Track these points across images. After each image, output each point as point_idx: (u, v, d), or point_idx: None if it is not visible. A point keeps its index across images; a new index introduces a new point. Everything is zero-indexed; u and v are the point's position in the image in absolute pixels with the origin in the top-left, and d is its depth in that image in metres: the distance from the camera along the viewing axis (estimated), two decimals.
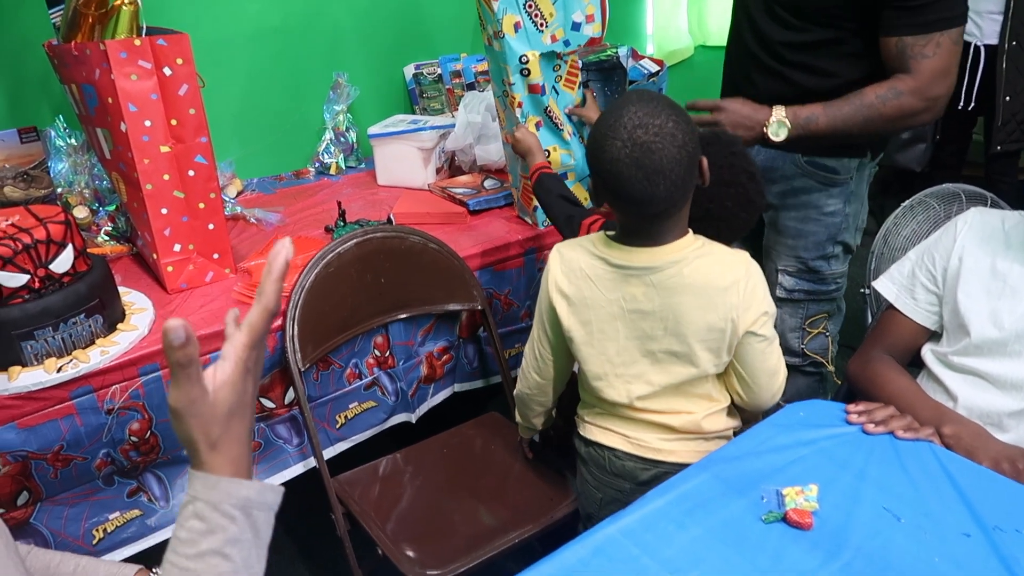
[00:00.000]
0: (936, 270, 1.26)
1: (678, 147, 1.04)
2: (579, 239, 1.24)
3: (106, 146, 1.48)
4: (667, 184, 1.04)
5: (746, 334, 1.11)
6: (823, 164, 1.58)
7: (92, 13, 1.39)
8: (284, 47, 2.05)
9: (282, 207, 1.87)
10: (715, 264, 1.11)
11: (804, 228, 1.63)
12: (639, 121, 1.04)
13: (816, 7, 1.46)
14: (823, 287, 1.67)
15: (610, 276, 1.15)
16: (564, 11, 1.52)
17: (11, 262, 1.21)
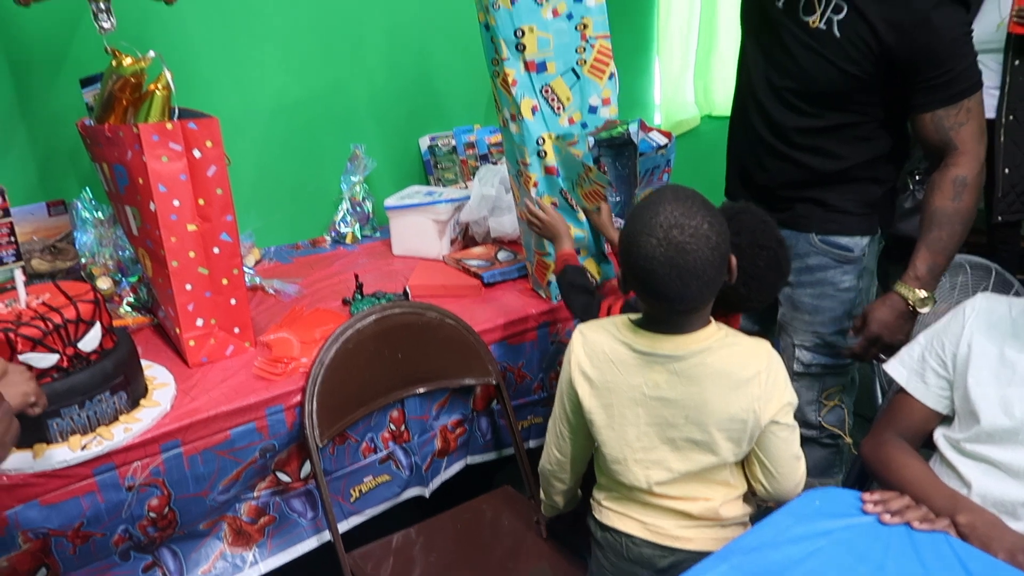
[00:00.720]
0: (946, 355, 1.29)
1: (711, 248, 1.07)
2: (602, 321, 1.26)
3: (134, 223, 1.52)
4: (699, 284, 1.07)
5: (769, 424, 1.13)
6: (837, 243, 1.63)
7: (127, 97, 1.45)
8: (305, 120, 2.11)
9: (300, 278, 1.90)
10: (738, 355, 1.14)
11: (821, 304, 1.68)
12: (675, 221, 1.06)
13: (838, 94, 1.53)
14: (840, 361, 1.71)
15: (633, 361, 1.17)
16: (581, 95, 1.57)
17: (41, 343, 1.24)
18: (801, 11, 1.53)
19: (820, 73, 1.53)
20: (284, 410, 1.46)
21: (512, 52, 1.52)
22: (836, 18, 1.49)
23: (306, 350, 1.55)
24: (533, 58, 1.52)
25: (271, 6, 1.98)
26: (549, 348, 1.79)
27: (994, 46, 2.71)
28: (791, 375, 1.73)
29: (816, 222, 1.64)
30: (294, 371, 1.49)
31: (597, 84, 1.58)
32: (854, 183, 1.61)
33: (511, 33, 1.50)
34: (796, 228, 1.65)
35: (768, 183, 1.68)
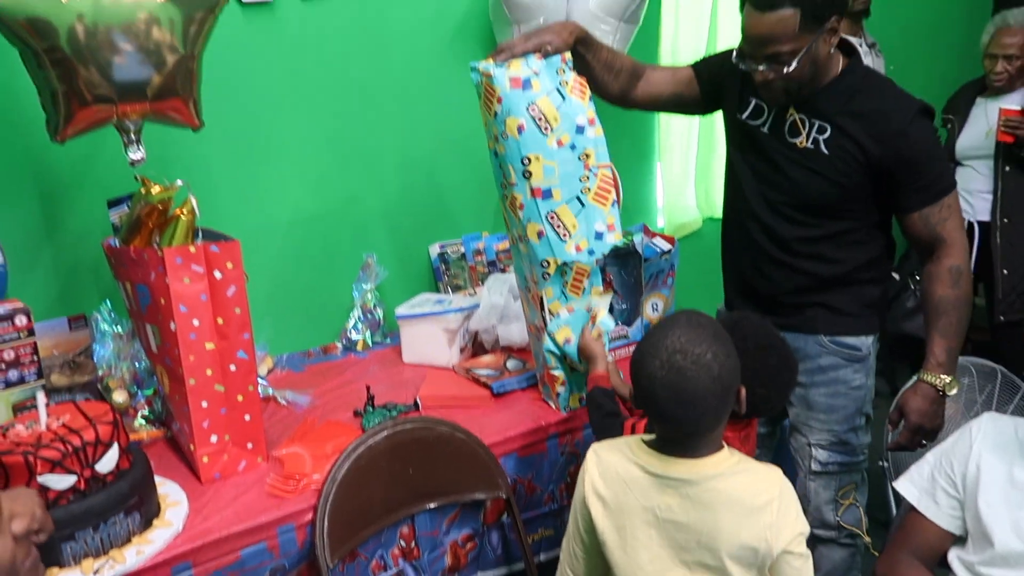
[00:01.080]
0: (955, 475, 1.30)
1: (712, 379, 1.10)
2: (616, 442, 1.28)
3: (154, 341, 1.56)
4: (696, 412, 1.10)
5: (782, 553, 1.13)
6: (845, 343, 1.70)
7: (153, 221, 1.51)
8: (319, 231, 2.18)
9: (311, 388, 1.92)
10: (751, 482, 1.15)
11: (835, 403, 1.73)
12: (680, 346, 1.11)
13: (832, 204, 1.63)
14: (853, 458, 1.75)
15: (646, 483, 1.19)
16: (587, 222, 1.62)
17: (60, 464, 1.26)
18: (787, 134, 1.64)
19: (813, 187, 1.63)
20: (295, 529, 1.46)
21: (519, 178, 1.59)
22: (821, 138, 1.61)
23: (318, 465, 1.56)
24: (539, 185, 1.58)
25: (289, 127, 2.07)
26: (559, 459, 1.79)
27: (984, 152, 2.80)
28: (808, 475, 1.79)
29: (823, 324, 1.71)
30: (306, 488, 1.50)
31: (602, 211, 1.63)
32: (854, 285, 1.70)
33: (518, 161, 1.57)
34: (804, 331, 1.72)
35: (772, 291, 1.74)
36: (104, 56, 1.41)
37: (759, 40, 1.52)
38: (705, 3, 2.77)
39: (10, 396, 1.49)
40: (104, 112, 1.46)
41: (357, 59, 2.14)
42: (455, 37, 2.28)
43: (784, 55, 1.50)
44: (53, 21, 1.37)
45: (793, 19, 1.47)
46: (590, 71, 1.75)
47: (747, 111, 1.70)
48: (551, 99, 1.57)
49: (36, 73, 1.44)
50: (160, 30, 1.46)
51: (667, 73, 1.87)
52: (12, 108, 1.70)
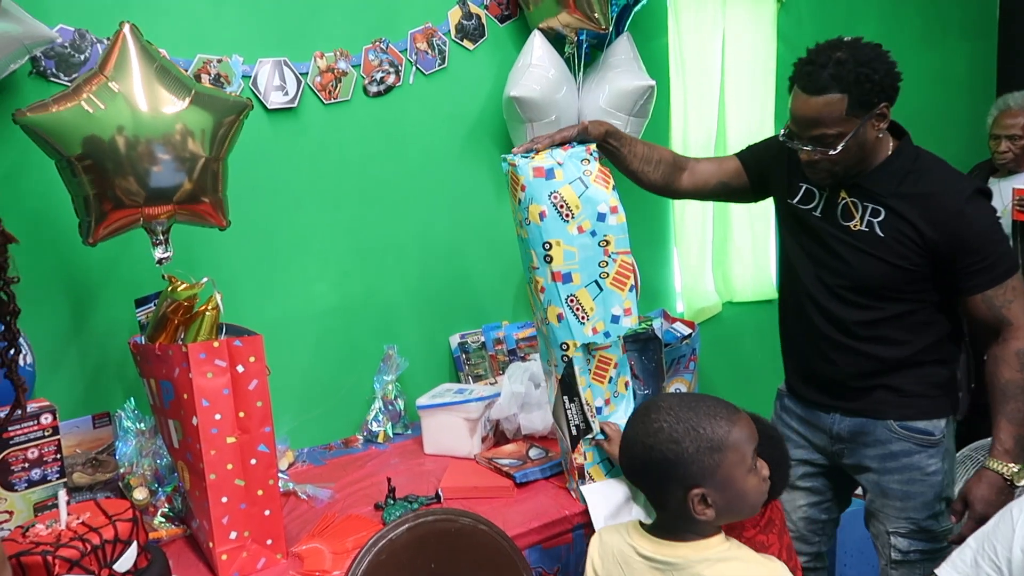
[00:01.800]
0: (999, 560, 1.24)
1: (673, 442, 1.15)
2: (620, 524, 1.28)
3: (176, 436, 1.57)
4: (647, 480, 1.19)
5: None
6: (917, 427, 1.66)
7: (179, 317, 1.54)
8: (340, 324, 2.21)
9: (332, 482, 1.90)
10: (740, 571, 1.14)
11: (911, 490, 1.67)
12: (653, 418, 1.19)
13: (891, 286, 1.61)
14: (937, 545, 1.68)
15: (638, 565, 1.19)
16: (604, 306, 1.64)
17: (78, 564, 1.24)
18: (840, 217, 1.64)
19: (871, 269, 1.61)
20: None
21: (541, 262, 1.62)
22: (876, 220, 1.60)
23: (338, 561, 1.52)
24: (559, 269, 1.61)
25: (311, 223, 2.13)
26: (585, 550, 1.74)
27: None
28: (889, 564, 1.72)
29: (893, 408, 1.67)
30: None
31: (619, 295, 1.65)
32: (922, 367, 1.66)
33: (540, 245, 1.61)
34: (874, 416, 1.68)
35: (836, 376, 1.72)
36: (143, 166, 1.49)
37: (806, 122, 1.55)
38: (712, 97, 2.86)
39: (32, 495, 1.49)
40: (135, 214, 1.52)
41: (376, 158, 2.22)
42: (470, 135, 2.37)
43: (830, 138, 1.53)
44: (98, 134, 1.45)
45: (840, 104, 1.50)
46: (625, 164, 1.82)
47: (797, 196, 1.71)
48: (573, 187, 1.62)
49: (70, 180, 1.51)
50: (194, 140, 1.53)
51: (713, 165, 1.90)
52: (45, 211, 1.77)
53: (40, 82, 1.76)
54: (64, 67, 1.78)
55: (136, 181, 1.48)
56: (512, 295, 2.52)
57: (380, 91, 2.19)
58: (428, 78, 2.26)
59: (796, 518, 1.87)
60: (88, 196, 1.50)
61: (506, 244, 2.46)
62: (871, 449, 1.68)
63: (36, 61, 1.74)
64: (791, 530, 1.86)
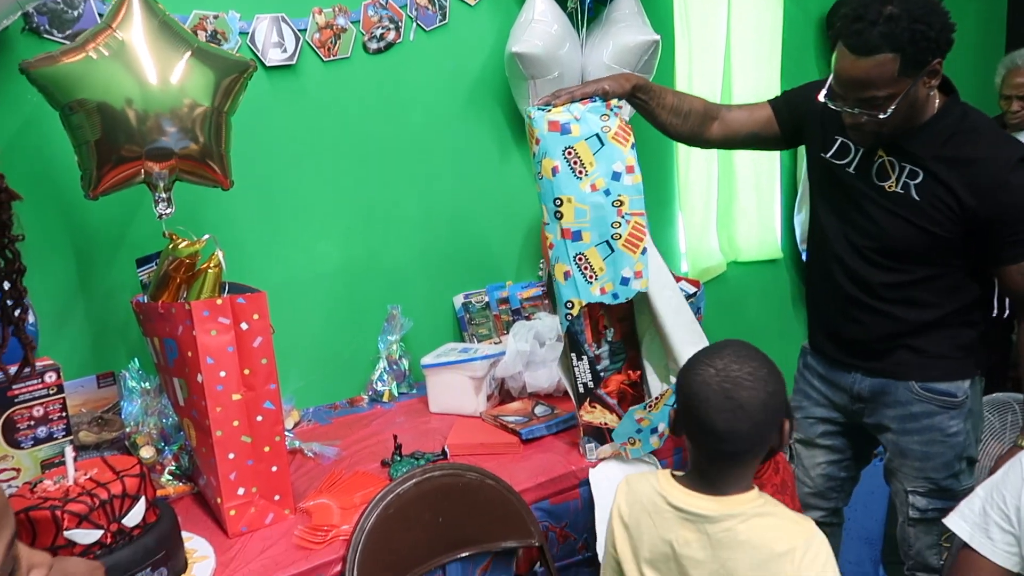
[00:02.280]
0: (1008, 509, 1.24)
1: (769, 393, 1.10)
2: (648, 472, 1.26)
3: (181, 395, 1.56)
4: (749, 424, 1.09)
5: None
6: (939, 389, 1.62)
7: (181, 275, 1.53)
8: (344, 284, 2.20)
9: (339, 440, 1.91)
10: (774, 527, 1.11)
11: (931, 451, 1.65)
12: (735, 358, 1.11)
13: (920, 251, 1.56)
14: (956, 503, 1.63)
15: (667, 515, 1.17)
16: (614, 267, 1.62)
17: (87, 518, 1.24)
18: (875, 176, 1.57)
19: (900, 233, 1.55)
20: None
21: (551, 218, 1.60)
22: (913, 183, 1.53)
23: (346, 516, 1.53)
24: (569, 226, 1.59)
25: (313, 183, 2.11)
26: (593, 507, 1.74)
27: None
28: (906, 522, 1.72)
29: (915, 370, 1.63)
30: (334, 539, 1.47)
31: (631, 257, 1.62)
32: (948, 328, 1.62)
33: (551, 201, 1.58)
34: (895, 377, 1.65)
35: (861, 336, 1.68)
36: (152, 137, 1.47)
37: (853, 84, 1.44)
38: (717, 53, 2.81)
39: (38, 453, 1.49)
40: (137, 167, 1.49)
41: (377, 116, 2.19)
42: (472, 93, 2.33)
43: (880, 100, 1.43)
44: (104, 85, 1.43)
45: (892, 64, 1.39)
46: (654, 116, 1.77)
47: (832, 150, 1.63)
48: (589, 144, 1.58)
49: (74, 129, 1.48)
50: (198, 94, 1.50)
51: (744, 113, 1.82)
52: (46, 171, 1.75)
53: (33, 39, 1.73)
54: (57, 23, 1.74)
55: (140, 134, 1.45)
56: (516, 254, 2.50)
57: (380, 48, 2.15)
58: (429, 34, 2.22)
59: (815, 475, 1.87)
60: (90, 143, 1.47)
61: (510, 202, 2.45)
62: (891, 410, 1.66)
63: (29, 17, 1.71)
64: (809, 486, 1.87)
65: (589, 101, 1.62)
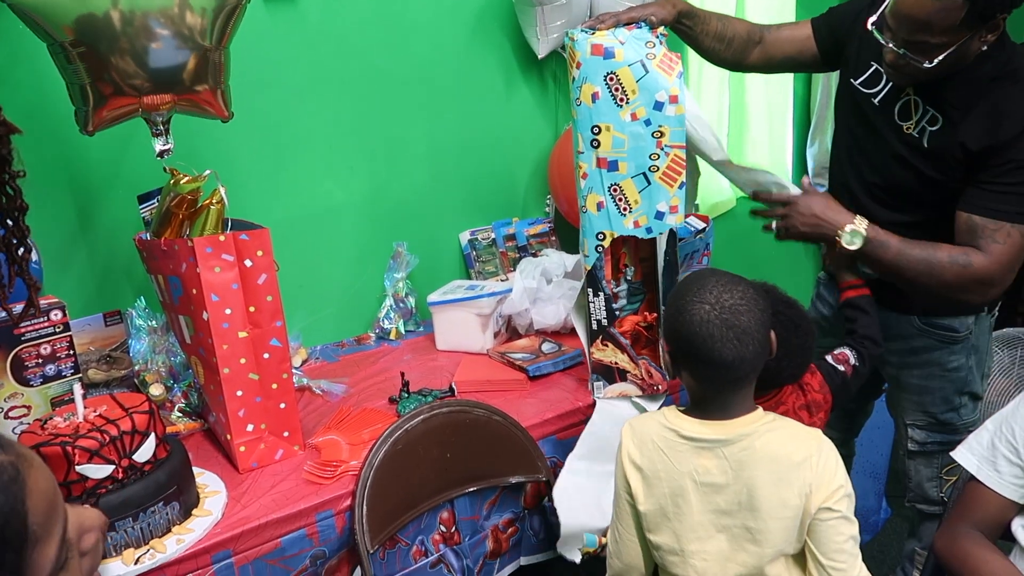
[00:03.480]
0: (1017, 442, 1.24)
1: (761, 311, 1.12)
2: (649, 413, 1.27)
3: (187, 332, 1.56)
4: (755, 345, 1.11)
5: (820, 510, 1.10)
6: (941, 323, 1.61)
7: (183, 212, 1.51)
8: (348, 221, 2.17)
9: (346, 377, 1.91)
10: (787, 439, 1.13)
11: (930, 384, 1.65)
12: (723, 288, 1.12)
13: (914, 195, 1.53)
14: (956, 437, 1.63)
15: (682, 447, 1.17)
16: (649, 200, 1.58)
17: (98, 454, 1.25)
18: (897, 114, 1.51)
19: (903, 176, 1.52)
20: (334, 515, 1.44)
21: (587, 147, 1.56)
22: (930, 128, 1.46)
23: (355, 452, 1.54)
24: (606, 155, 1.55)
25: (315, 118, 2.06)
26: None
27: None
28: (906, 454, 1.73)
29: (918, 304, 1.61)
30: (343, 474, 1.49)
31: (667, 191, 1.57)
32: None
33: (588, 129, 1.54)
34: (897, 310, 1.64)
35: (869, 268, 1.64)
36: (140, 43, 1.40)
37: (910, 22, 1.33)
38: None
39: (48, 391, 1.50)
40: (134, 103, 1.45)
41: (380, 48, 2.12)
42: (477, 22, 2.26)
43: (931, 47, 1.33)
44: (91, 10, 1.36)
45: (958, 12, 1.27)
46: (698, 43, 1.73)
47: (863, 76, 1.56)
48: (632, 71, 1.51)
49: (64, 67, 1.44)
50: (192, 15, 1.44)
51: (784, 32, 1.75)
52: (42, 107, 1.71)
53: None
54: None
55: (134, 61, 1.40)
56: (522, 191, 2.47)
57: None
58: None
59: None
60: (84, 84, 1.43)
61: (516, 137, 2.40)
62: (892, 343, 1.65)
63: None
64: None
65: (635, 26, 1.56)
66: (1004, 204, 1.40)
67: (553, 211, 2.47)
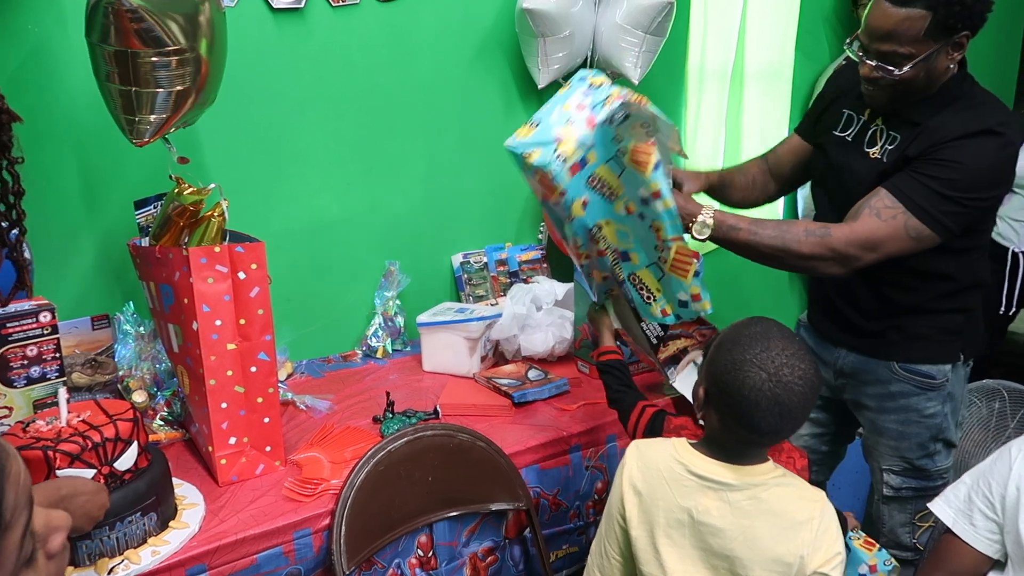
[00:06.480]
0: (994, 497, 1.25)
1: (813, 392, 1.10)
2: (659, 440, 1.27)
3: (175, 341, 1.56)
4: (794, 424, 1.11)
5: (815, 573, 1.10)
6: (919, 370, 1.64)
7: (184, 221, 1.51)
8: (342, 237, 2.17)
9: (331, 393, 1.91)
10: (794, 496, 1.13)
11: (907, 430, 1.67)
12: (786, 360, 1.09)
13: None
14: (930, 483, 1.69)
15: (688, 483, 1.17)
16: (668, 289, 1.50)
17: (79, 458, 1.24)
18: (865, 144, 1.59)
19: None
20: (312, 534, 1.44)
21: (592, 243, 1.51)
22: (890, 148, 1.55)
23: (336, 471, 1.54)
24: (616, 247, 1.50)
25: (315, 132, 2.07)
26: (585, 474, 1.76)
27: None
28: (880, 499, 1.75)
29: (899, 350, 1.65)
30: (324, 492, 1.48)
31: (682, 282, 1.47)
32: (938, 314, 1.62)
33: (586, 232, 1.49)
34: (877, 356, 1.67)
35: (854, 313, 1.69)
36: None
37: (879, 33, 1.43)
38: (733, 18, 2.75)
39: (31, 393, 1.48)
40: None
41: (384, 66, 2.14)
42: (481, 47, 2.28)
43: (899, 57, 1.42)
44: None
45: (921, 21, 1.38)
46: (730, 200, 1.81)
47: (839, 124, 1.65)
48: (610, 167, 1.41)
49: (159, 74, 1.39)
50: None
51: (780, 151, 1.85)
52: (47, 106, 1.71)
53: None
54: None
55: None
56: (516, 216, 2.48)
57: None
58: None
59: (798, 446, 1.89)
60: (172, 91, 1.41)
61: (512, 163, 2.41)
62: (870, 387, 1.68)
63: None
64: None
65: (596, 123, 1.37)
66: (913, 192, 1.44)
67: (546, 238, 2.49)
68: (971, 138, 1.44)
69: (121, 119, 1.42)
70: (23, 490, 0.71)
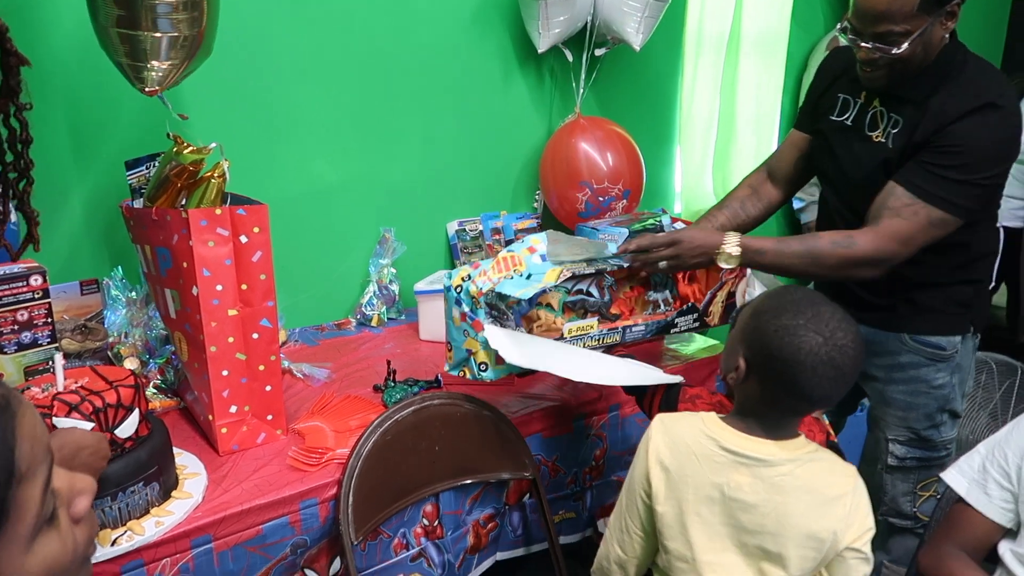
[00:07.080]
0: (1009, 467, 1.26)
1: (862, 358, 1.09)
2: (685, 414, 1.24)
3: (173, 306, 1.50)
4: (844, 389, 1.09)
5: (846, 549, 1.09)
6: (928, 342, 1.64)
7: (182, 181, 1.45)
8: (338, 204, 2.12)
9: (328, 362, 1.87)
10: (827, 472, 1.12)
11: (914, 401, 1.68)
12: (838, 324, 1.07)
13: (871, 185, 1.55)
14: (935, 453, 1.71)
15: (720, 458, 1.14)
16: None
17: (76, 408, 1.19)
18: (866, 127, 1.58)
19: (877, 183, 1.53)
20: (319, 503, 1.40)
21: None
22: (893, 131, 1.53)
23: (340, 440, 1.50)
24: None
25: (311, 98, 2.01)
26: (585, 442, 1.75)
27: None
28: (884, 468, 1.76)
29: (907, 322, 1.65)
30: (329, 462, 1.45)
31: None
32: (948, 287, 1.62)
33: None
34: (887, 328, 1.67)
35: (862, 288, 1.69)
36: None
37: (871, 16, 1.41)
38: None
39: (22, 359, 1.42)
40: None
41: (382, 32, 2.07)
42: (480, 11, 2.22)
43: (895, 35, 1.40)
44: None
45: None
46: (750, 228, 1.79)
47: (835, 109, 1.64)
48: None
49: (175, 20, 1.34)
50: None
51: (782, 150, 1.84)
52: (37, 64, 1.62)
53: None
54: None
55: None
56: (512, 185, 2.44)
57: None
58: None
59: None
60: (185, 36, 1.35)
61: (510, 129, 2.37)
62: (880, 359, 1.68)
63: None
64: None
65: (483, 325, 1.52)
66: (928, 184, 1.45)
67: (542, 206, 2.45)
68: (974, 115, 1.43)
69: (126, 67, 1.35)
70: (39, 443, 0.67)
